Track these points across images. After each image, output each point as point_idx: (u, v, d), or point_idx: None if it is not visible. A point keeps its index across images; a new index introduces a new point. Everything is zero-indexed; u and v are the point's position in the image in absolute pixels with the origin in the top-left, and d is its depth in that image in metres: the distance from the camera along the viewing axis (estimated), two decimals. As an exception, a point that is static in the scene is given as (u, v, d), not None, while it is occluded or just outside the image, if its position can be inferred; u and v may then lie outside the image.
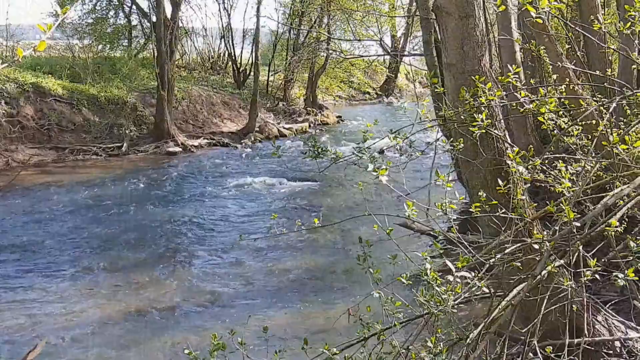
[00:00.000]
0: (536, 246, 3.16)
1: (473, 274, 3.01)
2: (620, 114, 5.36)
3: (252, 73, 21.58)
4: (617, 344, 4.32)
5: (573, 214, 2.90)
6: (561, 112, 4.16)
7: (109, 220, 10.82)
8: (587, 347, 3.89)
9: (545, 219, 4.48)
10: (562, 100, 4.51)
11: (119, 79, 18.88)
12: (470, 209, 3.36)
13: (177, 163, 16.01)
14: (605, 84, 4.71)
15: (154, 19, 18.53)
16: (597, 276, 3.02)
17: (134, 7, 21.85)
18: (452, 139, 4.12)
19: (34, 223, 10.47)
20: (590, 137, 4.34)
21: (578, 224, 3.01)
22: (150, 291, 7.70)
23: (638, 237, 3.18)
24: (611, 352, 4.25)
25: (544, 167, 4.01)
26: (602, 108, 4.09)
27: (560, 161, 3.89)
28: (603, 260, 4.33)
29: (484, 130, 3.45)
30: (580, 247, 3.13)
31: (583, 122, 4.28)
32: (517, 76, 3.62)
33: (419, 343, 3.23)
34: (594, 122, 4.26)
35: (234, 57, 24.24)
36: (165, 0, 18.24)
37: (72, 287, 7.80)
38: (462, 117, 3.52)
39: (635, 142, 3.57)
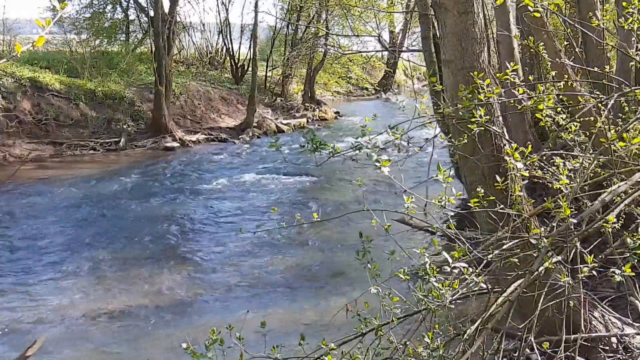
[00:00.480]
0: (533, 242, 3.17)
1: (471, 269, 3.02)
2: (618, 111, 5.36)
3: (250, 68, 21.54)
4: (614, 340, 4.34)
5: (570, 211, 2.91)
6: (559, 109, 4.16)
7: (106, 215, 10.82)
8: (584, 343, 3.91)
9: (543, 216, 4.49)
10: (560, 96, 4.51)
11: (117, 73, 18.84)
12: (469, 205, 3.36)
13: (175, 158, 15.99)
14: (604, 80, 4.71)
15: (151, 13, 18.49)
16: (594, 272, 3.03)
17: (131, 1, 21.80)
18: (450, 135, 4.12)
19: (32, 218, 10.45)
20: (588, 134, 4.35)
21: (575, 221, 3.02)
22: (148, 286, 7.70)
23: (635, 234, 3.18)
24: (607, 348, 4.27)
25: (542, 164, 4.01)
26: (600, 105, 4.10)
27: (558, 157, 3.90)
28: (600, 256, 4.35)
29: (482, 127, 3.46)
30: (578, 244, 3.13)
31: (581, 119, 4.28)
32: (515, 73, 3.62)
33: (417, 338, 3.25)
34: (592, 118, 4.26)
35: (232, 53, 24.19)
36: (162, -6, 18.20)
37: (69, 282, 7.80)
38: (461, 113, 3.52)
39: (633, 139, 3.58)
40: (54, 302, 7.18)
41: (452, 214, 7.82)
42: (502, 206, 3.32)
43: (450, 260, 2.92)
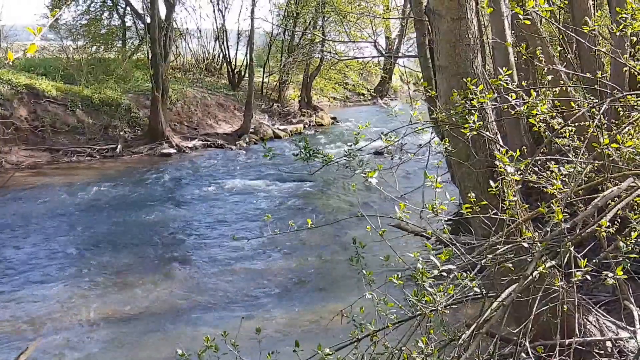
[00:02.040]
0: (526, 245, 3.18)
1: (465, 274, 3.02)
2: (613, 116, 5.38)
3: (246, 74, 21.57)
4: (608, 344, 4.35)
5: (563, 215, 2.92)
6: (553, 114, 4.18)
7: (103, 222, 10.80)
8: (579, 347, 3.91)
9: (538, 220, 4.50)
10: (555, 102, 4.53)
11: (113, 80, 18.83)
12: (462, 210, 3.37)
13: (172, 164, 15.98)
14: (596, 86, 4.74)
15: (148, 20, 18.50)
16: (588, 277, 3.04)
17: (128, 8, 21.78)
18: (444, 140, 4.13)
19: (27, 225, 10.43)
20: (582, 139, 4.36)
21: (568, 225, 3.03)
22: (142, 293, 7.69)
23: (628, 238, 3.20)
24: (602, 352, 4.27)
25: (536, 169, 4.02)
26: (593, 110, 4.12)
27: (552, 162, 3.91)
28: (594, 260, 4.36)
29: (475, 132, 3.47)
30: (572, 248, 3.14)
31: (575, 124, 4.30)
32: (509, 78, 3.64)
33: (412, 344, 3.25)
34: (586, 123, 4.28)
35: (228, 59, 24.21)
36: (159, 1, 18.23)
37: (64, 288, 7.78)
38: (454, 119, 3.54)
39: (626, 143, 3.60)
40: (48, 309, 7.16)
41: (447, 218, 7.83)
42: (495, 211, 3.33)
43: (438, 264, 2.92)
